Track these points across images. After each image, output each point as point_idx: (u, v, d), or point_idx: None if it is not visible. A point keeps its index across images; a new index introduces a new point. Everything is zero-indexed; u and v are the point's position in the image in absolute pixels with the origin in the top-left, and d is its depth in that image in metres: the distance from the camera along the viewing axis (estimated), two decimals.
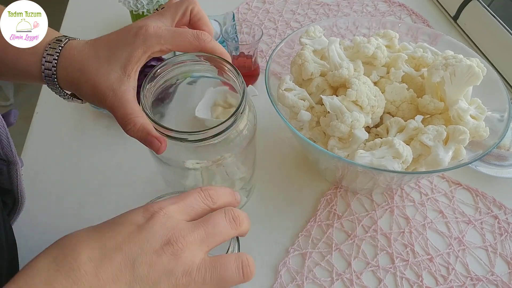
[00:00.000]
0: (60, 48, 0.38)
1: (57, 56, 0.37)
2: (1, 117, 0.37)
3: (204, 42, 0.40)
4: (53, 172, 0.59)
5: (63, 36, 0.40)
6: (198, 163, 0.43)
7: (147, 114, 0.36)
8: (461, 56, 0.50)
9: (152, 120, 0.36)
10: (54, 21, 0.54)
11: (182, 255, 0.27)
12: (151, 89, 0.39)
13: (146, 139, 0.36)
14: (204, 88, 0.70)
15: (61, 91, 0.40)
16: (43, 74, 0.38)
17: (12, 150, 0.39)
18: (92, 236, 0.27)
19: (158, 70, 0.40)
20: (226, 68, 0.40)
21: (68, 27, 0.82)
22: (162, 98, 0.43)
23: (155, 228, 0.28)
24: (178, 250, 0.27)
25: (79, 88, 0.38)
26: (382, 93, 0.52)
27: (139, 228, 0.28)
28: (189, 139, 0.36)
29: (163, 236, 0.27)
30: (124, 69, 0.37)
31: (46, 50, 0.38)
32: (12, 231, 0.43)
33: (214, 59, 0.40)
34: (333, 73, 0.52)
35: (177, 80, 0.43)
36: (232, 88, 0.43)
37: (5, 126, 0.38)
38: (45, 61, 0.37)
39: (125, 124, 0.36)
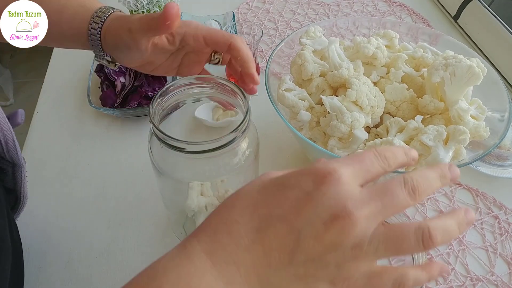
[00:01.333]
0: (113, 10, 0.42)
1: (108, 14, 0.42)
2: (7, 120, 0.37)
3: (235, 39, 0.41)
4: (53, 172, 0.59)
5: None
6: (202, 183, 0.43)
7: (153, 123, 0.36)
8: (461, 56, 0.50)
9: (158, 130, 0.36)
10: None
11: (353, 230, 0.24)
12: (161, 104, 0.40)
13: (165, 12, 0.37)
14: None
15: (102, 52, 0.43)
16: (89, 32, 0.41)
17: (17, 153, 0.39)
18: (248, 209, 0.25)
19: (171, 87, 0.40)
20: (234, 92, 0.40)
21: None
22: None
23: (326, 197, 0.24)
24: (350, 224, 0.24)
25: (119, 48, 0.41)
26: (382, 93, 0.52)
27: (308, 196, 0.24)
28: (187, 150, 0.35)
29: (334, 207, 0.24)
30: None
31: (99, 10, 0.42)
32: (18, 229, 0.43)
33: (222, 84, 0.41)
34: (333, 73, 0.52)
35: (185, 101, 0.43)
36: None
37: (11, 130, 0.38)
38: (96, 15, 0.41)
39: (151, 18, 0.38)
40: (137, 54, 0.41)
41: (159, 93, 0.38)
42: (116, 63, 0.45)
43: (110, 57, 0.44)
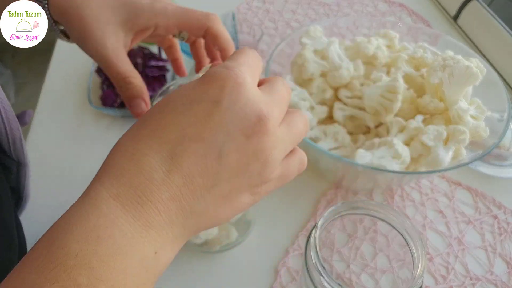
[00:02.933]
0: None
1: None
2: (16, 119, 0.37)
3: (213, 22, 0.39)
4: (53, 172, 0.59)
5: None
6: None
7: None
8: (460, 56, 0.50)
9: None
10: None
11: (272, 133, 0.23)
12: None
13: (135, 97, 0.35)
14: None
15: (52, 21, 0.38)
16: None
17: (24, 152, 0.39)
18: (155, 136, 0.22)
19: (171, 87, 0.39)
20: None
21: None
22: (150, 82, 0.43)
23: (238, 104, 0.22)
24: (269, 127, 0.23)
25: (69, 22, 0.37)
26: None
27: (218, 106, 0.22)
28: None
29: (250, 113, 0.23)
30: (124, 25, 0.36)
31: None
32: (22, 228, 0.43)
33: None
34: (333, 73, 0.52)
35: None
36: None
37: (20, 129, 0.37)
38: None
39: (124, 83, 0.35)
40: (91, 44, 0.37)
41: (159, 93, 0.38)
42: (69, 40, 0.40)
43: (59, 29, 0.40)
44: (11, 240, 0.38)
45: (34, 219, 0.53)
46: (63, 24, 0.39)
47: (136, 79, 0.36)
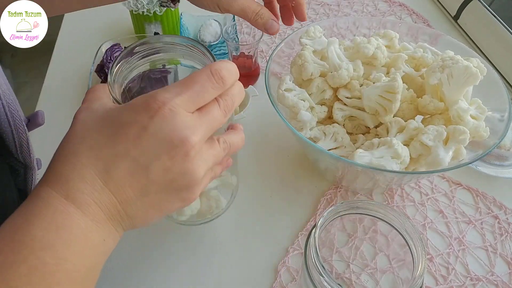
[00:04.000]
0: None
1: None
2: (24, 123, 0.37)
3: None
4: None
5: None
6: None
7: (110, 90, 0.32)
8: (459, 57, 0.50)
9: (116, 101, 0.32)
10: (54, 21, 0.54)
11: (195, 155, 0.28)
12: (127, 66, 0.35)
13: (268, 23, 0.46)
14: None
15: None
16: None
17: (30, 155, 0.39)
18: (93, 152, 0.26)
19: (137, 47, 0.35)
20: (204, 53, 0.36)
21: (68, 27, 0.82)
22: (152, 84, 0.40)
23: (164, 131, 0.27)
24: (191, 150, 0.27)
25: None
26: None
27: (145, 130, 0.26)
28: None
29: (174, 137, 0.27)
30: None
31: None
32: None
33: (191, 45, 0.36)
34: (332, 74, 0.52)
35: (164, 66, 0.39)
36: None
37: (27, 132, 0.38)
38: None
39: (259, 15, 0.46)
40: None
41: (122, 54, 0.35)
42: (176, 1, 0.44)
43: None
44: None
45: None
46: None
47: (262, 8, 0.46)
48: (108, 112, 0.28)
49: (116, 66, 0.34)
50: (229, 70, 0.30)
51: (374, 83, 0.52)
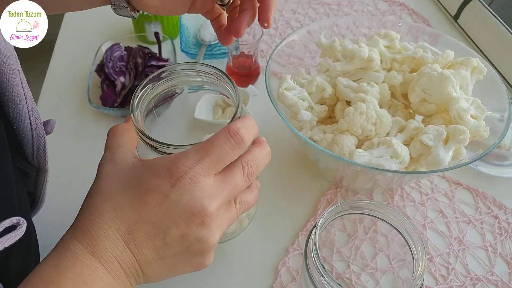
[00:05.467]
0: None
1: None
2: (43, 126, 0.37)
3: None
4: (52, 172, 0.59)
5: None
6: None
7: (134, 121, 0.33)
8: (436, 65, 0.51)
9: (140, 132, 0.33)
10: (54, 21, 0.54)
11: (211, 222, 0.29)
12: (150, 93, 0.36)
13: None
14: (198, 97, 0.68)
15: None
16: None
17: (45, 159, 0.40)
18: (117, 214, 0.28)
19: (164, 74, 0.37)
20: (223, 79, 0.37)
21: (68, 27, 0.82)
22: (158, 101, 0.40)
23: (183, 199, 0.28)
24: (207, 218, 0.29)
25: None
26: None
27: (166, 198, 0.28)
28: (159, 149, 0.33)
29: (192, 207, 0.28)
30: None
31: None
32: (35, 230, 0.44)
33: (213, 73, 0.37)
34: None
35: (176, 91, 0.40)
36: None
37: (45, 136, 0.38)
38: None
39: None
40: None
41: (149, 78, 0.35)
42: (137, 11, 0.41)
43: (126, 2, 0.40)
44: (30, 243, 0.38)
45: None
46: None
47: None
48: (132, 172, 0.30)
49: (141, 91, 0.35)
50: (247, 127, 0.31)
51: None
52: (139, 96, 0.35)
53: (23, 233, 0.27)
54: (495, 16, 0.74)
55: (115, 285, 0.28)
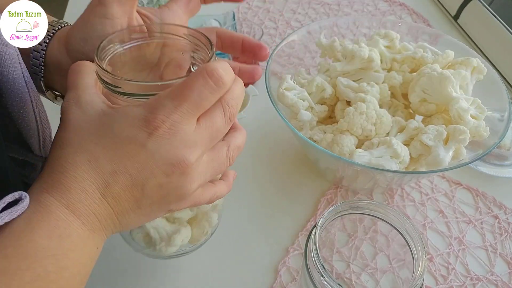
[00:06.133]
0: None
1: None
2: (47, 117, 0.37)
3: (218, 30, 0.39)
4: None
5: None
6: None
7: (97, 59, 0.31)
8: (436, 65, 0.50)
9: (100, 67, 0.30)
10: None
11: (191, 171, 0.28)
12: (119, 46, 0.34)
13: None
14: None
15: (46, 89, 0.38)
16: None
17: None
18: (92, 166, 0.27)
19: (135, 35, 0.35)
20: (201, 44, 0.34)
21: None
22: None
23: (162, 150, 0.27)
24: (187, 168, 0.28)
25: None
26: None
27: (143, 149, 0.27)
28: (121, 90, 0.30)
29: (172, 157, 0.27)
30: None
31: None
32: None
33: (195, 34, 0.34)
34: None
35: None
36: None
37: (50, 126, 0.37)
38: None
39: None
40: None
41: (114, 35, 0.34)
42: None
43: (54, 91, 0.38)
44: None
45: None
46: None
47: None
48: (102, 119, 0.28)
49: (107, 45, 0.33)
50: (225, 68, 0.28)
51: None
52: (106, 47, 0.33)
53: (25, 207, 0.26)
54: (495, 16, 0.74)
55: (91, 238, 0.27)
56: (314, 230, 0.37)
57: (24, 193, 0.26)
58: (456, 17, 0.83)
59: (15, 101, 0.32)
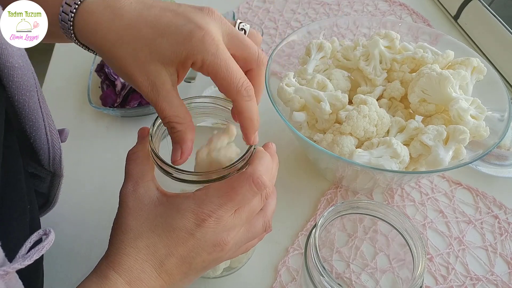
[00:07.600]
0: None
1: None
2: (59, 139, 0.40)
3: (243, 97, 0.34)
4: None
5: None
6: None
7: (153, 151, 0.35)
8: (435, 66, 0.50)
9: (159, 159, 0.35)
10: None
11: (228, 246, 0.34)
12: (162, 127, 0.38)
13: (176, 143, 0.35)
14: (203, 86, 0.69)
15: (83, 46, 0.38)
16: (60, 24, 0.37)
17: (61, 166, 0.42)
18: (150, 250, 0.33)
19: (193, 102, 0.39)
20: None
21: None
22: None
23: (207, 237, 0.33)
24: (225, 246, 0.34)
25: (108, 59, 0.35)
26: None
27: (191, 236, 0.33)
28: (188, 180, 0.35)
29: (214, 241, 0.33)
30: (167, 63, 0.33)
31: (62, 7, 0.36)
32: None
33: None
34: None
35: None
36: None
37: (61, 148, 0.40)
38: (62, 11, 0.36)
39: (168, 126, 0.35)
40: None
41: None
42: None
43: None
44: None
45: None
46: (101, 57, 0.37)
47: (181, 124, 0.34)
48: (158, 210, 0.34)
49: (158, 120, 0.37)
50: (268, 170, 0.35)
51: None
52: (158, 124, 0.37)
53: (51, 242, 0.30)
54: (495, 16, 0.74)
55: None
56: (314, 230, 0.37)
57: (48, 229, 0.30)
58: (456, 17, 0.82)
59: (28, 124, 0.36)
